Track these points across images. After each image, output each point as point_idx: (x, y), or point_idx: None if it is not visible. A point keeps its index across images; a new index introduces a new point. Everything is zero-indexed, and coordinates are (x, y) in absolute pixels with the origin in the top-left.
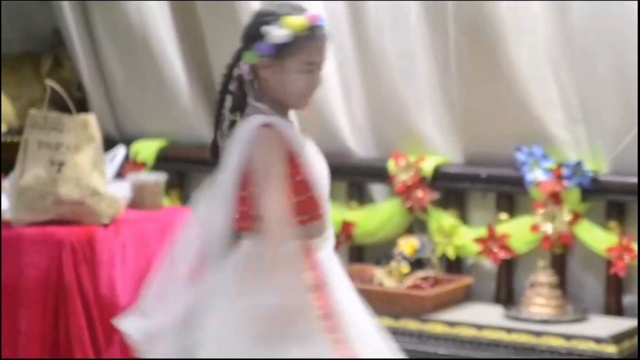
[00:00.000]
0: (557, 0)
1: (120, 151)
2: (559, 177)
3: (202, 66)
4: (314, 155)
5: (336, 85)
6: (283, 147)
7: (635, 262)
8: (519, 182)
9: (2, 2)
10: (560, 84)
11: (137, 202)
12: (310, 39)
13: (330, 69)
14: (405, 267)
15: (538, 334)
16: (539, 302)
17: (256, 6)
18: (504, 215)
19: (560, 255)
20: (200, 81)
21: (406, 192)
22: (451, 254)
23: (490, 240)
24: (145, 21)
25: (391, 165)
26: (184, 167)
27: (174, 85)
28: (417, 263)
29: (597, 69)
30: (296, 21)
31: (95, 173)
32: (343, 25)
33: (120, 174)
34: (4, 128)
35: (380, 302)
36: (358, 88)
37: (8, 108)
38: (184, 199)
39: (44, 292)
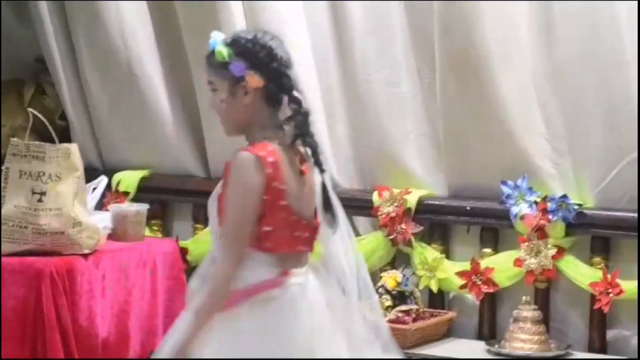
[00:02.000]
0: (543, 31)
1: (102, 181)
2: (544, 211)
3: (186, 96)
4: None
5: (320, 116)
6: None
7: (620, 298)
8: (503, 216)
9: None
10: (546, 116)
11: (118, 232)
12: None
13: (314, 99)
14: (387, 301)
15: None
16: (522, 338)
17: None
18: (488, 249)
19: (544, 290)
20: (184, 111)
21: (390, 224)
22: (434, 287)
23: (473, 274)
24: (130, 49)
25: (375, 197)
26: (166, 198)
27: (158, 115)
28: (400, 296)
29: (584, 102)
30: None
31: (76, 203)
32: (329, 55)
33: (102, 204)
34: None
35: None
36: (342, 118)
37: None
38: (166, 229)
39: (22, 322)
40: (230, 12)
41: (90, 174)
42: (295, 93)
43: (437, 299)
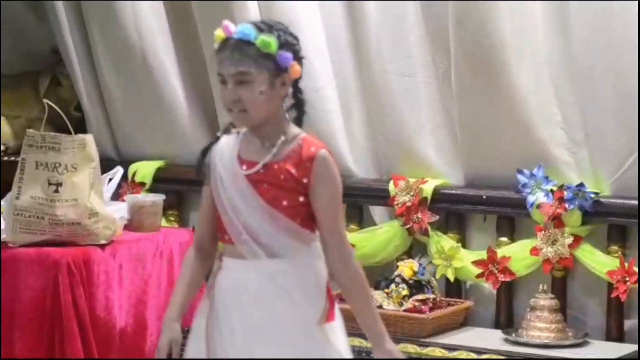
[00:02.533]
0: (558, 20)
1: (118, 172)
2: (561, 200)
3: (201, 86)
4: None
5: (336, 106)
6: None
7: (637, 286)
8: (520, 205)
9: (0, 20)
10: (562, 105)
11: (134, 223)
12: (219, 50)
13: (330, 90)
14: (404, 290)
15: (538, 358)
16: (539, 326)
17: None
18: (504, 238)
19: (561, 279)
20: (199, 101)
21: (406, 213)
22: (451, 276)
23: (490, 262)
24: (144, 41)
25: (391, 187)
26: (182, 188)
27: (173, 105)
28: (417, 286)
29: (599, 91)
30: (217, 32)
31: (93, 193)
32: (343, 46)
33: (118, 195)
34: (1, 147)
35: None
36: (358, 108)
37: (6, 127)
38: (182, 219)
39: (39, 313)
40: (245, 6)
41: (106, 164)
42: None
43: (454, 288)
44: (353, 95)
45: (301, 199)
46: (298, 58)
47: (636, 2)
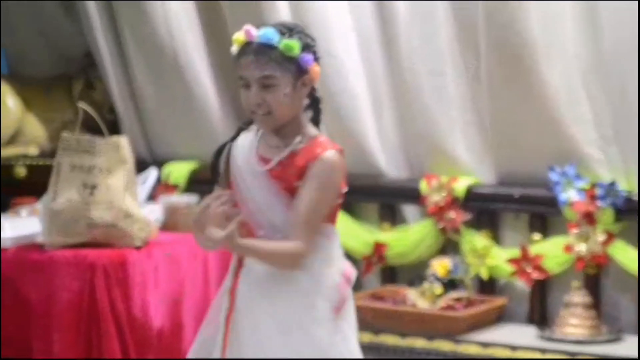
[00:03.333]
0: (588, 17)
1: (152, 173)
2: (593, 197)
3: (233, 86)
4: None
5: (367, 105)
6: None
7: None
8: (552, 203)
9: (34, 24)
10: (593, 102)
11: (169, 224)
12: (241, 54)
13: (361, 89)
14: (438, 288)
15: (573, 354)
16: (573, 323)
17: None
18: (537, 236)
19: (594, 276)
20: (231, 102)
21: (438, 212)
22: (484, 274)
23: (523, 260)
24: (176, 43)
25: (423, 186)
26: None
27: (205, 106)
28: (450, 284)
29: (629, 88)
30: (236, 36)
31: (127, 195)
32: (374, 45)
33: (152, 197)
34: (36, 151)
35: (414, 323)
36: (389, 108)
37: (40, 131)
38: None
39: (76, 315)
40: (276, 5)
41: (140, 166)
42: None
43: (488, 286)
44: (384, 95)
45: None
46: (317, 59)
47: None
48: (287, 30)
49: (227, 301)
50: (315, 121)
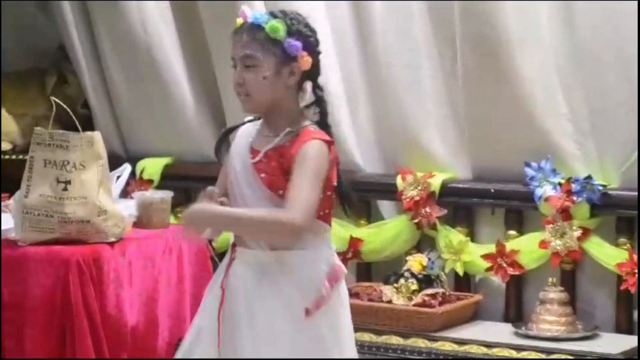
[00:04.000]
0: (563, 11)
1: (126, 169)
2: (569, 192)
3: (208, 82)
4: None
5: (342, 100)
6: None
7: None
8: (528, 198)
9: (6, 17)
10: (569, 96)
11: (143, 220)
12: (233, 34)
13: (336, 84)
14: (413, 284)
15: (548, 351)
16: (549, 319)
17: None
18: (512, 232)
19: (570, 272)
20: (206, 97)
21: (414, 208)
22: (460, 270)
23: (499, 256)
24: (150, 37)
25: (399, 181)
26: (190, 185)
27: (180, 102)
28: (426, 280)
29: (605, 82)
30: (237, 20)
31: (101, 191)
32: (348, 39)
33: (126, 192)
34: (8, 146)
35: (389, 320)
36: (364, 102)
37: (12, 126)
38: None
39: (49, 311)
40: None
41: (114, 162)
42: (319, 79)
43: (463, 282)
44: (359, 89)
45: None
46: (312, 50)
47: None
48: (281, 14)
49: (219, 295)
50: (321, 122)
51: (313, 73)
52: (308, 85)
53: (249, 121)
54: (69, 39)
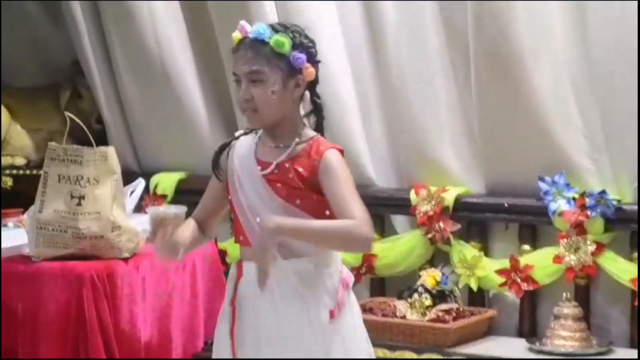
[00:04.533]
0: (577, 25)
1: (140, 184)
2: (583, 207)
3: (221, 97)
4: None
5: (356, 114)
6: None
7: None
8: (542, 212)
9: (20, 33)
10: (583, 111)
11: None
12: (234, 51)
13: (349, 97)
14: (427, 300)
15: None
16: (564, 335)
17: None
18: (526, 246)
19: (584, 287)
20: (220, 112)
21: (428, 223)
22: (474, 285)
23: (513, 271)
24: (163, 51)
25: (412, 196)
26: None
27: (193, 116)
28: (440, 295)
29: (619, 96)
30: (234, 35)
31: (115, 206)
32: (362, 53)
33: (140, 207)
34: (22, 161)
35: (403, 335)
36: (378, 116)
37: (27, 141)
38: None
39: (64, 326)
40: (263, 13)
41: (128, 177)
42: (317, 88)
43: (477, 297)
44: (373, 102)
45: (314, 197)
46: (313, 61)
47: None
48: (281, 27)
49: (229, 313)
50: (318, 127)
51: (315, 83)
52: (307, 93)
53: (244, 134)
54: (83, 53)
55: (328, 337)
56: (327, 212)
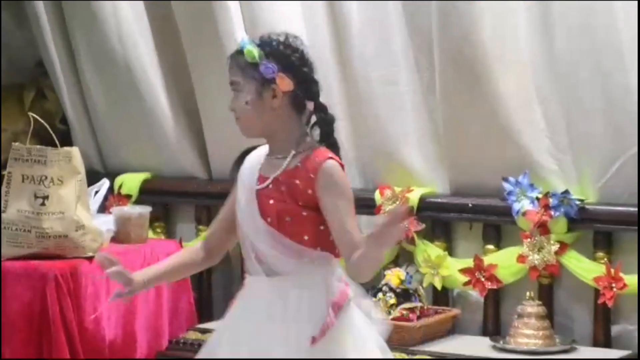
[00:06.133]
0: (541, 26)
1: (104, 184)
2: (546, 207)
3: (186, 97)
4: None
5: None
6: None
7: (623, 292)
8: (505, 212)
9: None
10: (546, 111)
11: (121, 235)
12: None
13: None
14: (391, 298)
15: None
16: (527, 333)
17: (241, 35)
18: (490, 246)
19: (548, 286)
20: (185, 113)
21: None
22: (438, 284)
23: (477, 270)
24: (128, 53)
25: (377, 196)
26: (169, 200)
27: (158, 117)
28: (404, 294)
29: (583, 97)
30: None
31: (79, 206)
32: (326, 52)
33: (104, 207)
34: None
35: None
36: (342, 118)
37: None
38: (169, 231)
39: (27, 325)
40: (227, 11)
41: (92, 177)
42: (321, 100)
43: (441, 296)
44: (337, 104)
45: (304, 213)
46: (295, 70)
47: (618, 6)
48: (266, 39)
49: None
50: (327, 144)
51: (308, 92)
52: (310, 105)
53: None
54: (47, 54)
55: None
56: (322, 227)
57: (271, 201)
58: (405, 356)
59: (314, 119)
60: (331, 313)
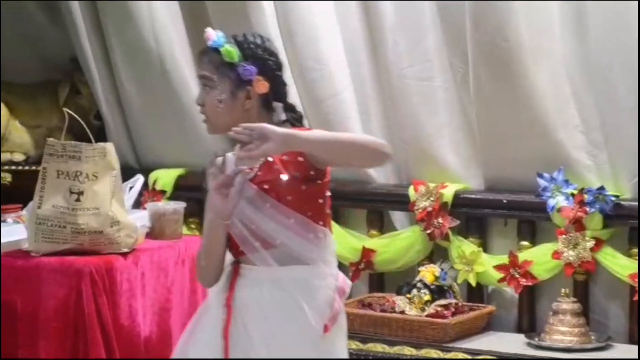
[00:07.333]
0: (575, 22)
1: (138, 180)
2: (581, 203)
3: None
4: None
5: (354, 111)
6: None
7: None
8: (540, 208)
9: (18, 29)
10: (581, 107)
11: (156, 231)
12: (198, 54)
13: (348, 95)
14: (426, 295)
15: None
16: (562, 330)
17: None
18: (525, 242)
19: (583, 282)
20: None
21: (427, 219)
22: (472, 281)
23: (511, 267)
24: (162, 46)
25: (411, 192)
26: (203, 195)
27: (192, 112)
28: (439, 291)
29: (618, 93)
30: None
31: (114, 202)
32: (360, 51)
33: (138, 203)
34: (21, 157)
35: (402, 331)
36: (376, 113)
37: (26, 137)
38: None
39: (63, 322)
40: (261, 10)
41: (127, 172)
42: (289, 100)
43: (476, 293)
44: (371, 100)
45: (304, 187)
46: (271, 74)
47: None
48: (241, 38)
49: (224, 312)
50: None
51: (279, 94)
52: (278, 106)
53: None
54: (81, 49)
55: (323, 348)
56: (320, 201)
57: (266, 185)
58: (439, 353)
59: (283, 117)
60: (337, 298)
